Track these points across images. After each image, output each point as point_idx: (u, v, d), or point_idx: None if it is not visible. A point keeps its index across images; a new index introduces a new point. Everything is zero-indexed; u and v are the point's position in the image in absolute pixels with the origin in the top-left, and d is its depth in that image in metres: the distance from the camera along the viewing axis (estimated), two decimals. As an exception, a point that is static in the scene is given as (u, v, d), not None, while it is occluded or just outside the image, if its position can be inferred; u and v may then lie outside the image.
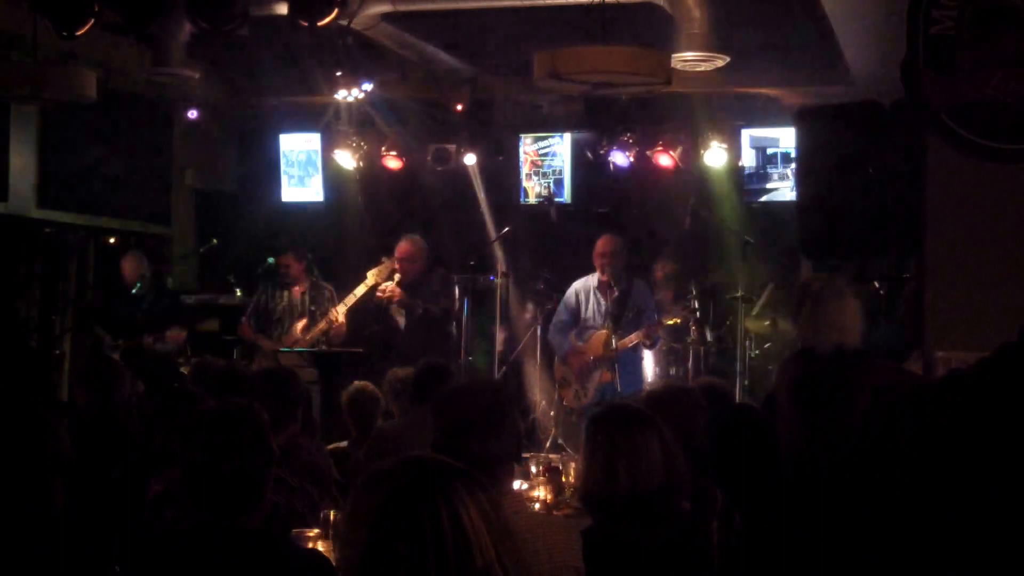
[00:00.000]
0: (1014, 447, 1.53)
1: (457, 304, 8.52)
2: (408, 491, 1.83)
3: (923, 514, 1.71)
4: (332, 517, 3.74)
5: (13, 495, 3.03)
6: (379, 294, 8.02)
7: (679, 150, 9.42)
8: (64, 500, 3.14)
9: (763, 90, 9.43)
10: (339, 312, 8.08)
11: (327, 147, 10.23)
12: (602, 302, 7.83)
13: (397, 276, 8.02)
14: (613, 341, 7.66)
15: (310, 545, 3.55)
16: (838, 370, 3.55)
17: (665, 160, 9.44)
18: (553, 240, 10.02)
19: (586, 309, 7.96)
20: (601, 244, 7.91)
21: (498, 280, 8.99)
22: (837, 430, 1.85)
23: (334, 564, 2.76)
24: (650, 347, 8.16)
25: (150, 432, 3.95)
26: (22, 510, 3.03)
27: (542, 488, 4.64)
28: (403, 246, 8.22)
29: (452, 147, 9.97)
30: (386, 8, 7.43)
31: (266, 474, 2.84)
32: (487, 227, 9.94)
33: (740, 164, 9.49)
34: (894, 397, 1.84)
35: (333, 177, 10.32)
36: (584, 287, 8.02)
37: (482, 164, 10.12)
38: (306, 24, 6.46)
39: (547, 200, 9.31)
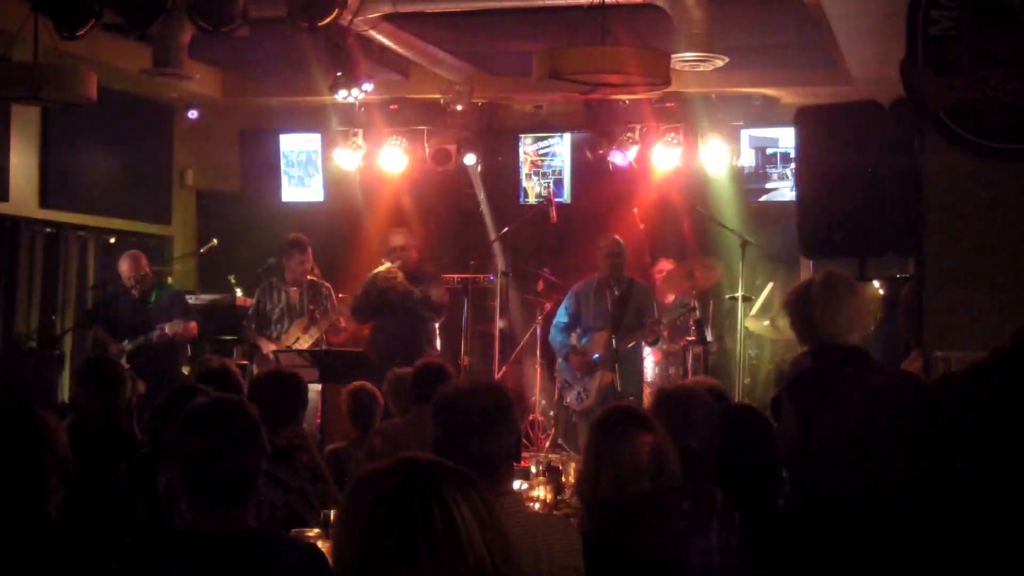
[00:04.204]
0: (1009, 451, 1.53)
1: (449, 301, 8.47)
2: (400, 491, 1.83)
3: (918, 515, 1.71)
4: (332, 517, 3.74)
5: (10, 496, 3.03)
6: (385, 279, 7.98)
7: (679, 150, 9.43)
8: (63, 501, 3.15)
9: (763, 90, 9.44)
10: (342, 315, 8.08)
11: (327, 147, 10.24)
12: (603, 303, 7.83)
13: (398, 262, 8.01)
14: (614, 342, 7.66)
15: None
16: (833, 368, 3.56)
17: (664, 160, 9.45)
18: (553, 240, 10.03)
19: (587, 311, 7.96)
20: (602, 246, 7.91)
21: (498, 280, 8.99)
22: (830, 431, 1.85)
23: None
24: (651, 345, 8.17)
25: (158, 428, 3.94)
26: (19, 512, 3.03)
27: (542, 488, 4.64)
28: (398, 237, 8.22)
29: (452, 147, 9.98)
30: (386, 8, 7.44)
31: (258, 467, 2.85)
32: (487, 227, 9.95)
33: (739, 164, 9.49)
34: (887, 400, 1.84)
35: (333, 177, 10.33)
36: (585, 289, 8.02)
37: (482, 164, 10.13)
38: (306, 24, 6.46)
39: (547, 200, 9.32)
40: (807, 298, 4.39)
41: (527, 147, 10.13)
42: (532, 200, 10.00)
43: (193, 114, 10.38)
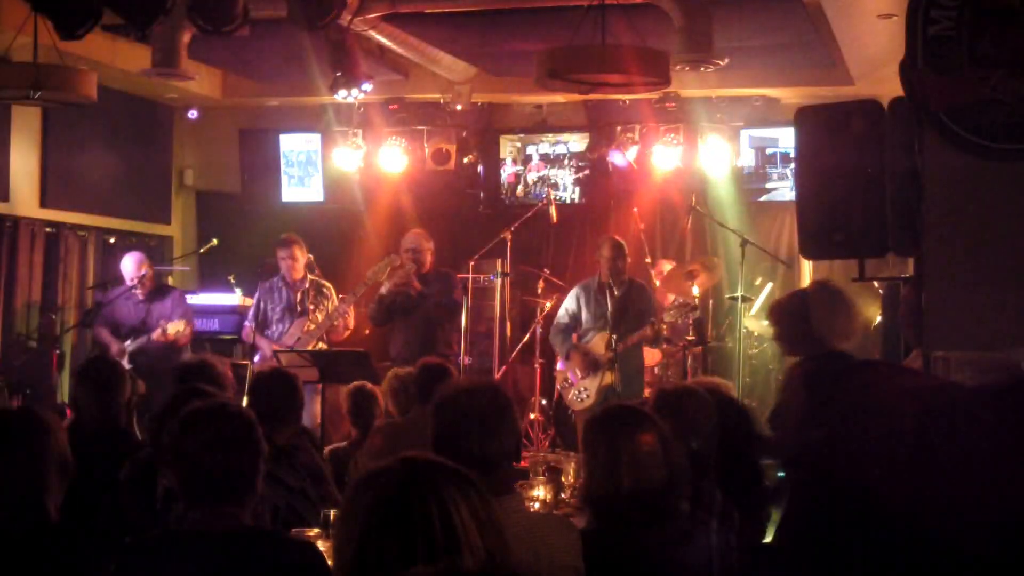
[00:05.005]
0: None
1: (462, 302, 8.51)
2: (399, 491, 1.84)
3: (920, 517, 1.70)
4: (332, 517, 3.74)
5: (10, 496, 3.03)
6: (395, 284, 7.96)
7: (679, 150, 9.43)
8: (63, 501, 3.14)
9: (763, 90, 9.44)
10: (347, 313, 8.08)
11: (327, 147, 10.24)
12: (603, 304, 7.84)
13: (411, 265, 7.99)
14: (614, 342, 7.67)
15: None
16: (855, 370, 3.54)
17: (664, 160, 9.45)
18: (553, 240, 10.03)
19: (587, 311, 7.96)
20: (602, 247, 7.92)
21: (498, 280, 8.99)
22: (877, 434, 1.81)
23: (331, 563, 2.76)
24: (652, 345, 8.17)
25: (159, 429, 3.94)
26: (19, 511, 3.03)
27: (542, 488, 4.63)
28: (412, 238, 8.21)
29: (452, 147, 9.98)
30: (386, 8, 7.43)
31: (256, 467, 2.86)
32: (487, 227, 9.94)
33: (740, 164, 9.49)
34: (962, 400, 1.80)
35: (333, 177, 10.32)
36: (585, 289, 8.03)
37: (482, 164, 10.13)
38: (306, 24, 6.46)
39: (547, 200, 9.32)
40: (803, 308, 4.40)
41: (527, 148, 10.13)
42: (531, 200, 10.00)
43: (193, 114, 10.38)
